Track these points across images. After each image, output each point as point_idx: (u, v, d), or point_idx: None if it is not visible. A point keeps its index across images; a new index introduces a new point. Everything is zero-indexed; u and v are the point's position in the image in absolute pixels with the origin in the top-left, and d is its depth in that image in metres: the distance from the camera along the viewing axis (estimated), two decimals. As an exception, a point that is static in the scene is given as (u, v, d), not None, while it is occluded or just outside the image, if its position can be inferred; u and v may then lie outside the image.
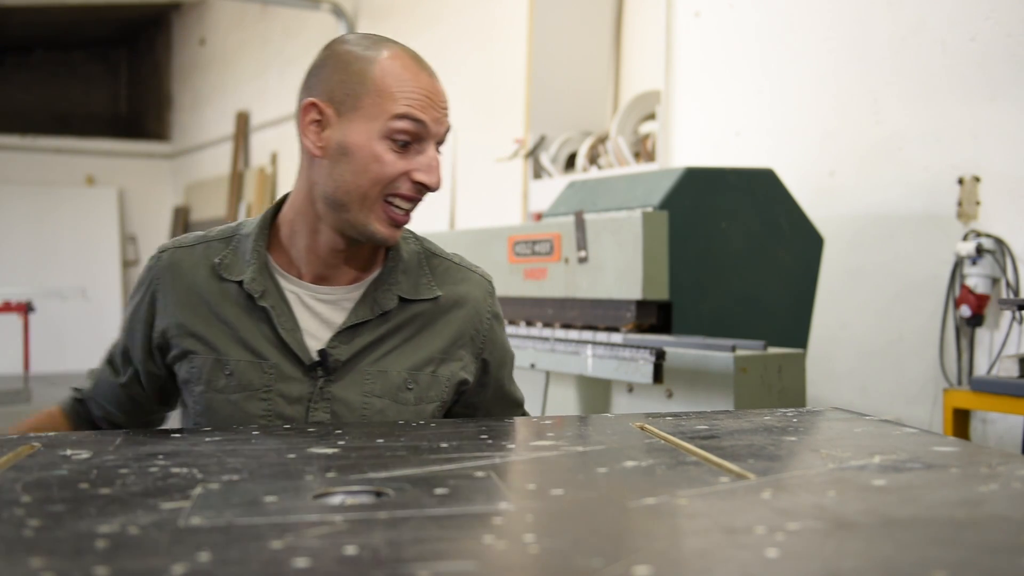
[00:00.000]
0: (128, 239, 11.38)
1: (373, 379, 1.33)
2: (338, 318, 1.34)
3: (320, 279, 1.34)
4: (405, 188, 1.27)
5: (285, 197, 1.38)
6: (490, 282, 1.46)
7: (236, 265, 1.34)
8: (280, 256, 1.35)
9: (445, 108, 1.30)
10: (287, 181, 8.78)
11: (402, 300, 1.35)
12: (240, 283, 1.33)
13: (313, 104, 1.29)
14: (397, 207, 1.28)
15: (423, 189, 1.28)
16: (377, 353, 1.34)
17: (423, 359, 1.36)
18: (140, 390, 1.43)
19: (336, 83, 1.28)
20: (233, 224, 1.41)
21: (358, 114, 1.26)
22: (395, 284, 1.35)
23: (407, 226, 1.37)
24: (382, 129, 1.25)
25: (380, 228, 1.28)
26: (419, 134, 1.27)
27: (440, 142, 1.31)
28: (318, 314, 1.33)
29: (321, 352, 1.31)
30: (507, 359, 1.49)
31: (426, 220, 4.24)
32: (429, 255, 1.42)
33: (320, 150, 1.28)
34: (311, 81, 1.31)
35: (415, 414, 1.34)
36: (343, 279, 1.35)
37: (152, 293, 1.37)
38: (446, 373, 1.37)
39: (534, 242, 3.26)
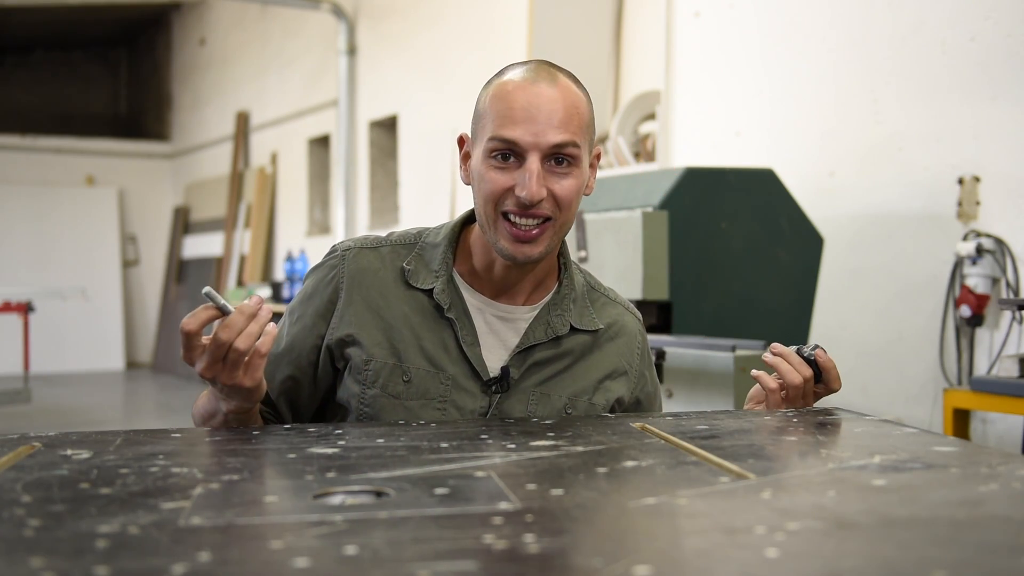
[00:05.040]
0: (128, 239, 11.38)
1: (537, 400, 1.38)
2: (512, 336, 1.39)
3: (499, 294, 1.39)
4: (510, 203, 1.29)
5: (473, 210, 1.41)
6: (640, 319, 1.53)
7: (422, 273, 1.38)
8: (464, 268, 1.39)
9: (553, 119, 1.27)
10: (287, 181, 8.78)
11: (572, 328, 1.40)
12: (427, 292, 1.37)
13: (461, 139, 1.39)
14: (513, 223, 1.30)
15: (521, 203, 1.28)
16: (543, 375, 1.39)
17: (582, 388, 1.41)
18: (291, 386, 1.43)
19: (473, 116, 1.37)
20: (414, 231, 1.45)
21: (477, 141, 1.33)
22: (567, 311, 1.40)
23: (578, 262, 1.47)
24: (484, 149, 1.30)
25: (505, 244, 1.31)
26: (513, 150, 1.28)
27: (561, 154, 1.28)
28: (495, 331, 1.38)
29: (504, 369, 1.36)
30: (656, 394, 1.55)
31: (428, 220, 4.25)
32: (590, 288, 1.48)
33: (467, 179, 1.37)
34: None
35: None
36: (520, 298, 1.39)
37: (334, 292, 1.39)
38: (601, 402, 1.43)
39: (534, 242, 3.25)
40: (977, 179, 3.20)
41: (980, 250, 3.11)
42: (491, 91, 1.33)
